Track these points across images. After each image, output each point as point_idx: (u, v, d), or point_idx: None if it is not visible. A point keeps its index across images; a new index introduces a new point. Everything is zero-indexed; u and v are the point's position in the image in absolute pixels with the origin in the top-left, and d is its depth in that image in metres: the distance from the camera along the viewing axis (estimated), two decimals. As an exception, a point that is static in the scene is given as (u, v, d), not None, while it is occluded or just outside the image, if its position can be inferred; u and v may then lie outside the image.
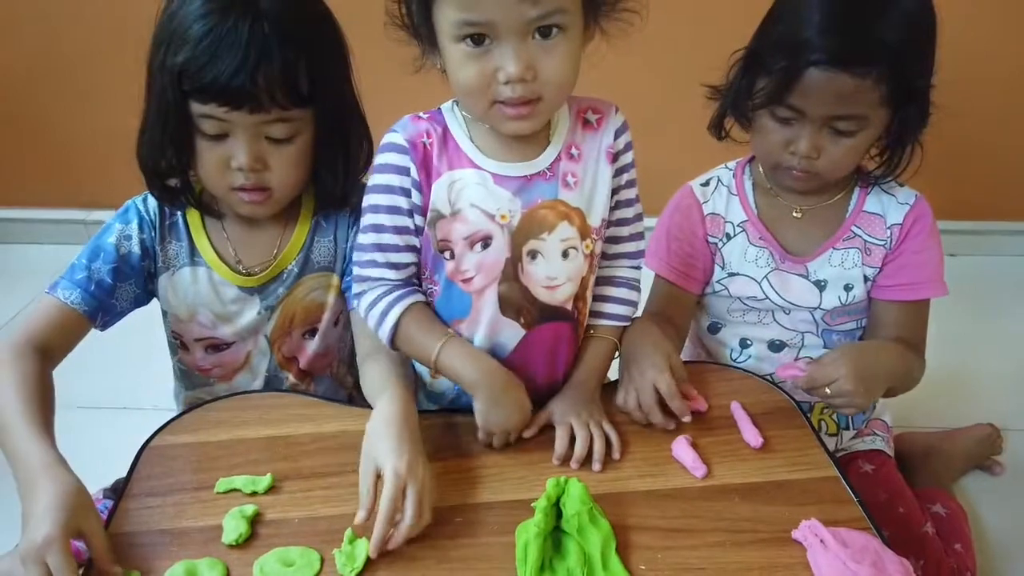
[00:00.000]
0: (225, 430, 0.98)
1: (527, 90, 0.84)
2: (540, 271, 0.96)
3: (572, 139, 0.96)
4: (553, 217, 0.94)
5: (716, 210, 1.17)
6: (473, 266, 0.95)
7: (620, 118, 0.99)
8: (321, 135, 1.00)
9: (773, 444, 0.95)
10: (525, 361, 0.99)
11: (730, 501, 0.88)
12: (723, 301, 1.19)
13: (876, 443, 1.27)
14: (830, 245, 1.14)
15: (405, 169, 0.93)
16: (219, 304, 1.08)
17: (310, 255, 1.09)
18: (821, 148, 1.03)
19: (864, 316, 1.18)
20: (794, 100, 1.00)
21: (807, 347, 1.19)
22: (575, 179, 0.95)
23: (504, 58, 0.82)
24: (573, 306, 1.00)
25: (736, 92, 1.09)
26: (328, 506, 0.88)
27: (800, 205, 1.14)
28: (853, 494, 0.88)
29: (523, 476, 0.91)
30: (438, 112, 0.96)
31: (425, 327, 0.97)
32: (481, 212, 0.93)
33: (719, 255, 1.16)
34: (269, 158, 0.97)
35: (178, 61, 0.90)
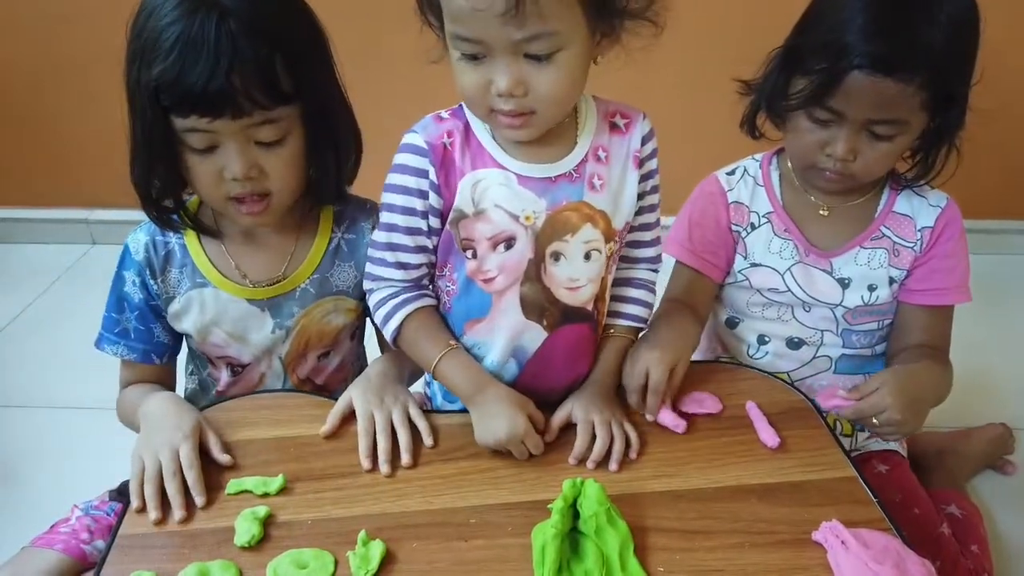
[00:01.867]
0: (235, 431, 0.97)
1: (519, 104, 0.84)
2: (563, 272, 0.95)
3: (600, 141, 0.95)
4: (577, 219, 0.94)
5: (741, 199, 1.15)
6: (496, 266, 0.94)
7: (648, 124, 0.98)
8: (310, 132, 0.97)
9: (790, 444, 0.94)
10: (547, 364, 0.99)
11: (747, 502, 0.87)
12: (743, 293, 1.18)
13: (890, 444, 1.26)
14: (857, 243, 1.12)
15: (423, 171, 0.93)
16: (229, 322, 1.06)
17: (329, 278, 1.07)
18: (858, 151, 1.01)
19: (886, 318, 1.17)
20: (834, 103, 0.99)
21: (826, 345, 1.17)
22: (601, 181, 0.95)
23: (495, 73, 0.82)
24: (593, 307, 0.99)
25: (772, 90, 1.07)
26: (341, 507, 0.87)
27: (828, 203, 1.13)
28: (872, 494, 0.87)
29: (539, 477, 0.90)
30: (459, 109, 0.95)
31: (428, 334, 0.97)
32: (505, 213, 0.92)
33: (742, 244, 1.15)
34: (263, 163, 0.94)
35: (152, 75, 0.87)
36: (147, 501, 0.86)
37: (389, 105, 1.06)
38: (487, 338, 0.98)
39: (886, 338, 1.19)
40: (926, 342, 1.12)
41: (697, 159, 1.36)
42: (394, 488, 0.89)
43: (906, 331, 1.14)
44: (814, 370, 1.20)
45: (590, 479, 0.83)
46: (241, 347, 1.07)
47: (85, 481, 1.18)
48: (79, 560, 1.04)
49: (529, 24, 0.78)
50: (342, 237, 1.07)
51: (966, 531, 1.24)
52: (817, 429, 0.97)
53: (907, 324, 1.14)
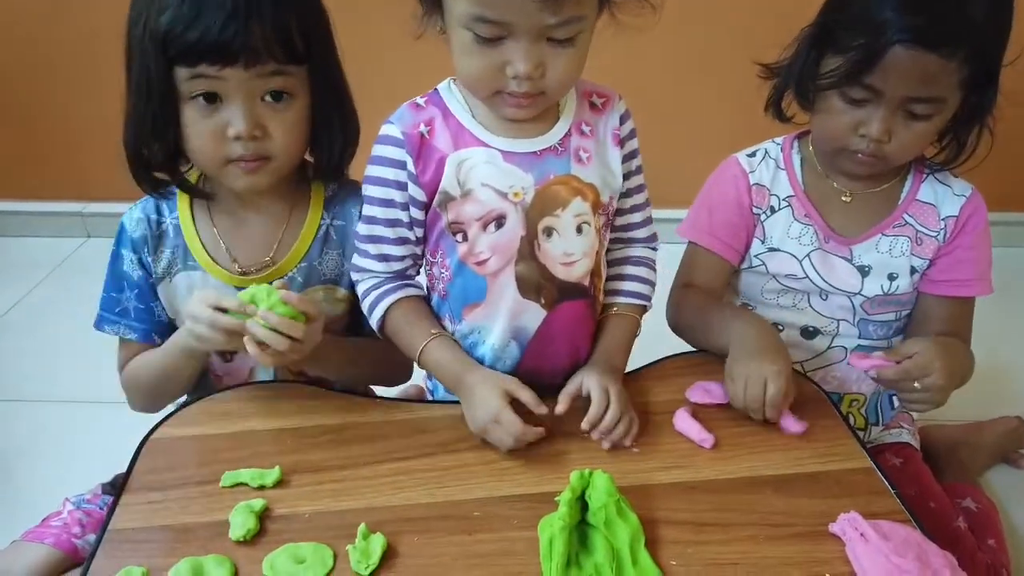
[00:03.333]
0: (230, 422, 0.93)
1: (533, 87, 0.83)
2: (557, 248, 0.93)
3: (582, 116, 0.95)
4: (567, 193, 0.92)
5: (761, 181, 1.13)
6: (487, 247, 0.92)
7: (623, 105, 0.98)
8: (317, 100, 0.96)
9: (805, 435, 0.91)
10: (548, 343, 0.97)
11: (762, 494, 0.84)
12: (759, 279, 1.15)
13: (903, 436, 1.24)
14: (879, 231, 1.10)
15: (400, 163, 0.91)
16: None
17: (317, 266, 1.04)
18: (893, 131, 0.98)
19: (904, 308, 1.14)
20: (873, 80, 0.95)
21: (841, 335, 1.15)
22: (587, 154, 0.94)
23: (515, 55, 0.81)
24: (590, 282, 0.97)
25: (801, 70, 1.04)
26: (340, 500, 0.83)
27: (851, 189, 1.10)
28: (890, 486, 0.84)
29: (546, 468, 0.87)
30: (435, 94, 0.94)
31: (411, 323, 0.95)
32: (493, 191, 0.90)
33: (760, 228, 1.12)
34: (268, 123, 0.92)
35: (162, 23, 0.86)
36: None
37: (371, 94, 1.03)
38: (485, 322, 0.95)
39: (903, 330, 1.17)
40: (947, 333, 1.09)
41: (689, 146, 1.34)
42: (395, 480, 0.86)
43: (927, 322, 1.12)
44: (828, 360, 1.17)
45: (599, 470, 0.80)
46: None
47: (77, 474, 1.16)
48: (70, 554, 1.02)
49: (565, 10, 0.78)
50: (331, 224, 1.04)
51: (982, 525, 1.21)
52: (832, 420, 0.94)
53: (928, 315, 1.12)
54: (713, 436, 0.90)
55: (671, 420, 0.93)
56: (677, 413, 0.93)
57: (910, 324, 1.15)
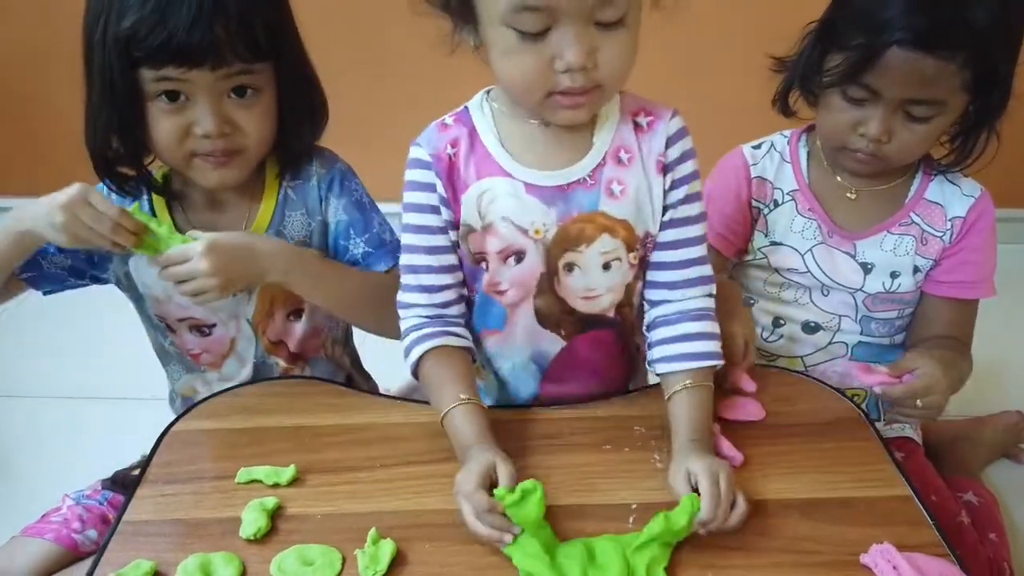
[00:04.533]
0: (249, 417, 0.93)
1: (587, 79, 0.76)
2: (578, 283, 0.90)
3: (621, 141, 0.86)
4: (592, 230, 0.87)
5: (764, 174, 1.12)
6: (507, 280, 0.90)
7: (677, 123, 0.88)
8: (284, 93, 0.95)
9: (837, 457, 0.87)
10: (569, 370, 0.96)
11: (789, 518, 0.80)
12: (760, 272, 1.14)
13: (905, 431, 1.21)
14: (884, 228, 1.08)
15: (431, 186, 0.87)
16: None
17: (282, 231, 1.02)
18: (892, 132, 0.97)
19: (908, 307, 1.13)
20: (870, 80, 0.94)
21: (843, 331, 1.14)
22: (622, 187, 0.86)
23: (563, 45, 0.74)
24: (616, 313, 0.94)
25: (806, 66, 1.03)
26: (353, 502, 0.82)
27: (856, 186, 1.09)
28: (929, 516, 0.80)
29: (563, 481, 0.84)
30: (464, 112, 0.89)
31: (442, 380, 0.88)
32: (513, 225, 0.87)
33: (763, 221, 1.12)
34: (236, 118, 0.91)
35: (124, 26, 0.84)
36: None
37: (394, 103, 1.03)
38: (503, 348, 0.95)
39: (905, 328, 1.15)
40: (950, 335, 1.09)
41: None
42: (410, 485, 0.84)
43: (929, 322, 1.11)
44: (829, 356, 1.16)
45: None
46: (205, 310, 1.03)
47: (77, 470, 1.15)
48: (70, 549, 1.03)
49: None
50: (288, 186, 1.02)
51: (984, 519, 1.20)
52: (868, 442, 0.90)
53: (931, 316, 1.11)
54: (741, 455, 0.86)
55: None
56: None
57: (913, 324, 1.14)
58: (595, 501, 0.82)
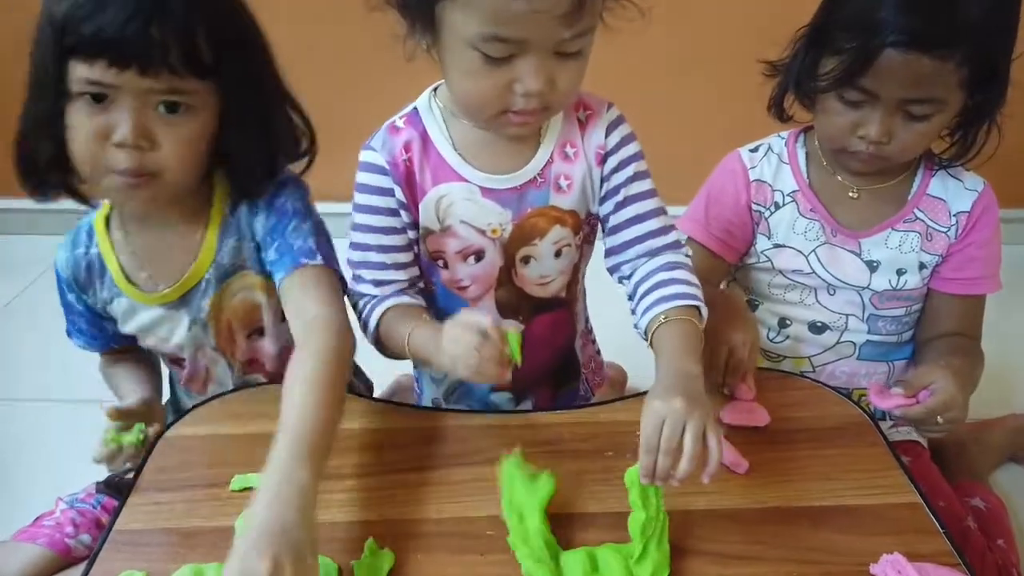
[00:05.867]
0: (243, 423, 0.91)
1: (541, 102, 0.80)
2: (533, 272, 0.95)
3: (566, 137, 0.91)
4: (545, 223, 0.92)
5: (763, 177, 1.10)
6: (467, 277, 0.95)
7: (613, 113, 0.92)
8: (231, 117, 0.87)
9: (845, 464, 0.85)
10: (530, 351, 0.91)
11: (796, 526, 0.78)
12: (765, 275, 1.13)
13: (912, 434, 1.19)
14: (889, 225, 1.07)
15: (389, 191, 0.90)
16: (148, 327, 0.99)
17: (221, 260, 0.95)
18: (892, 133, 0.96)
19: (915, 303, 1.12)
20: (866, 83, 0.93)
21: (850, 331, 1.12)
22: (568, 182, 0.91)
23: (525, 72, 0.78)
24: (567, 294, 0.99)
25: (800, 70, 1.02)
26: (348, 511, 0.80)
27: (858, 185, 1.08)
28: (939, 525, 0.78)
29: (565, 487, 0.82)
30: (414, 114, 0.91)
31: (398, 322, 0.91)
32: (471, 228, 0.91)
33: (764, 224, 1.10)
34: (158, 133, 0.82)
35: (60, 11, 0.78)
36: None
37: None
38: None
39: (913, 325, 1.14)
40: (959, 331, 1.09)
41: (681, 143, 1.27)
42: (407, 492, 0.82)
43: (938, 319, 1.11)
44: (837, 356, 1.15)
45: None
46: (167, 344, 1.01)
47: (71, 474, 1.13)
48: (63, 554, 1.01)
49: (582, 22, 0.76)
50: (228, 214, 0.95)
51: (992, 525, 1.18)
52: (876, 448, 0.88)
53: (939, 312, 1.11)
54: (747, 462, 0.84)
55: (701, 441, 0.88)
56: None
57: (920, 321, 1.14)
58: (597, 509, 0.80)
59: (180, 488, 0.83)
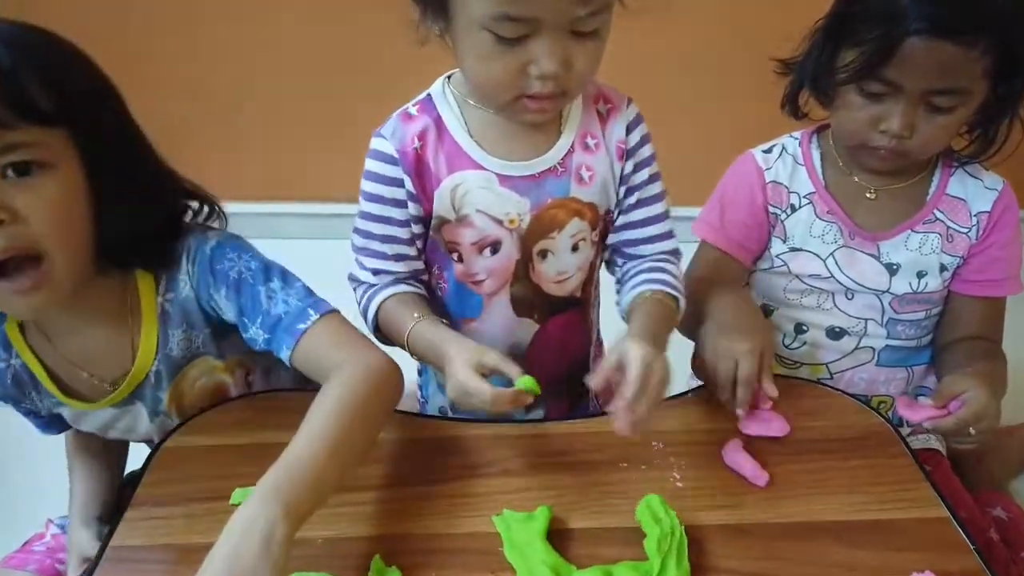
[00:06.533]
0: (246, 433, 0.88)
1: (558, 85, 0.78)
2: (551, 268, 0.93)
3: (587, 127, 0.89)
4: (564, 215, 0.90)
5: (779, 179, 1.07)
6: (483, 270, 0.92)
7: (633, 110, 0.92)
8: (91, 170, 0.74)
9: (868, 475, 0.82)
10: (542, 354, 0.97)
11: (819, 541, 0.75)
12: (780, 279, 1.10)
13: (931, 442, 1.16)
14: (908, 227, 1.04)
15: (398, 181, 0.87)
16: (105, 426, 0.92)
17: (169, 353, 0.87)
18: (915, 126, 0.93)
19: (936, 307, 1.09)
20: (889, 73, 0.90)
21: (869, 335, 1.09)
22: (591, 173, 0.89)
23: (540, 53, 0.75)
24: (583, 293, 0.97)
25: (816, 65, 0.99)
26: (356, 526, 0.77)
27: (875, 185, 1.05)
28: (969, 540, 0.75)
29: (579, 501, 0.79)
30: (428, 101, 0.89)
31: (400, 312, 0.90)
32: (488, 217, 0.88)
33: (780, 227, 1.07)
34: (16, 204, 0.68)
35: None
36: None
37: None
38: (480, 337, 0.93)
39: (932, 329, 1.12)
40: (980, 335, 1.06)
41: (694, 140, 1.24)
42: (417, 506, 0.79)
43: (959, 323, 1.08)
44: (855, 362, 1.12)
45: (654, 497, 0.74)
46: (133, 436, 0.95)
47: (62, 492, 1.04)
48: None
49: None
50: (164, 300, 0.85)
51: (1015, 536, 1.15)
52: (900, 458, 0.85)
53: (961, 315, 1.08)
54: (767, 474, 0.81)
55: (719, 452, 0.85)
56: (728, 445, 0.85)
57: (940, 324, 1.11)
58: (612, 524, 0.77)
59: (178, 502, 0.80)
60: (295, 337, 0.81)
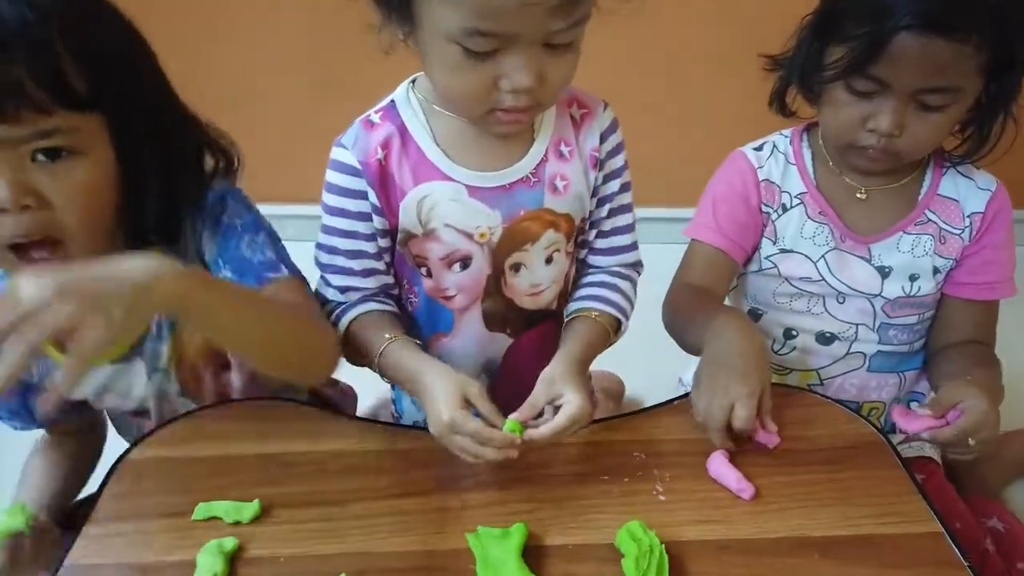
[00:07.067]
0: (211, 444, 0.84)
1: (531, 99, 0.75)
2: (524, 282, 0.90)
3: (560, 134, 0.86)
4: (538, 227, 0.87)
5: (771, 177, 1.04)
6: (453, 285, 0.89)
7: (608, 116, 0.88)
8: (124, 155, 0.74)
9: (859, 488, 0.79)
10: (517, 369, 0.93)
11: (807, 558, 0.72)
12: (769, 282, 1.06)
13: (924, 450, 1.13)
14: (900, 228, 1.01)
15: (361, 193, 0.84)
16: (103, 388, 0.89)
17: None
18: (904, 125, 0.90)
19: (928, 310, 1.06)
20: (878, 71, 0.87)
21: (860, 341, 1.06)
22: (565, 183, 0.86)
23: (512, 68, 0.72)
24: (558, 306, 0.95)
25: (804, 61, 0.96)
26: (322, 543, 0.74)
27: (866, 186, 1.02)
28: (963, 557, 0.72)
29: (557, 516, 0.76)
30: (391, 108, 0.84)
31: (371, 330, 0.86)
32: (457, 232, 0.85)
33: (771, 227, 1.04)
34: (45, 190, 0.69)
35: None
36: None
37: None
38: (452, 352, 0.93)
39: (924, 333, 1.09)
40: (974, 339, 1.04)
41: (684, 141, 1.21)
42: (387, 522, 0.76)
43: (952, 327, 1.06)
44: (846, 367, 1.09)
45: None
46: (127, 402, 0.92)
47: None
48: None
49: (578, 10, 0.71)
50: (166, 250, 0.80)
51: (1010, 547, 1.11)
52: (892, 470, 0.82)
53: (954, 319, 1.05)
54: (753, 486, 0.78)
55: (704, 463, 0.81)
56: (713, 456, 0.81)
57: (933, 328, 1.08)
58: (591, 541, 0.73)
59: (137, 517, 0.76)
60: (260, 283, 0.81)
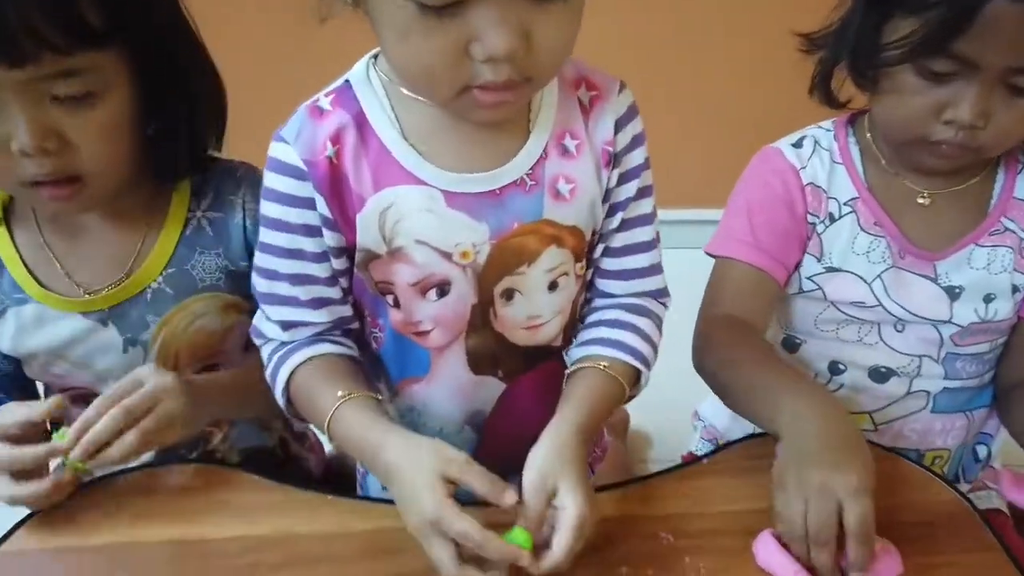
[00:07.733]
0: (111, 529, 0.66)
1: (515, 70, 0.57)
2: (519, 313, 0.72)
3: (565, 124, 0.69)
4: (536, 243, 0.69)
5: (816, 180, 0.88)
6: (428, 318, 0.71)
7: (626, 100, 0.71)
8: (146, 88, 0.73)
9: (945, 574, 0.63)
10: (510, 419, 0.77)
11: None
12: (812, 306, 0.90)
13: (992, 500, 0.98)
14: (971, 240, 0.86)
15: (307, 201, 0.66)
16: (62, 346, 0.80)
17: (190, 271, 0.81)
18: (990, 113, 0.75)
19: (1001, 337, 0.91)
20: (964, 47, 0.72)
21: (923, 376, 0.90)
22: (571, 186, 0.69)
23: (484, 26, 0.54)
24: (563, 340, 0.77)
25: (858, 40, 0.80)
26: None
27: (928, 188, 0.86)
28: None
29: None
30: (346, 89, 0.67)
31: (319, 384, 0.70)
32: (431, 250, 0.67)
33: (816, 241, 0.88)
34: (66, 131, 0.68)
35: None
36: None
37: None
38: (429, 402, 0.76)
39: (995, 363, 0.93)
40: None
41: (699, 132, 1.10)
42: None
43: None
44: (905, 410, 0.92)
45: None
46: (84, 374, 0.82)
47: None
48: None
49: None
50: (203, 215, 0.82)
51: None
52: (989, 552, 0.66)
53: None
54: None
55: (750, 546, 0.65)
56: (760, 537, 0.65)
57: (1005, 357, 0.92)
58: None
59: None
60: None
